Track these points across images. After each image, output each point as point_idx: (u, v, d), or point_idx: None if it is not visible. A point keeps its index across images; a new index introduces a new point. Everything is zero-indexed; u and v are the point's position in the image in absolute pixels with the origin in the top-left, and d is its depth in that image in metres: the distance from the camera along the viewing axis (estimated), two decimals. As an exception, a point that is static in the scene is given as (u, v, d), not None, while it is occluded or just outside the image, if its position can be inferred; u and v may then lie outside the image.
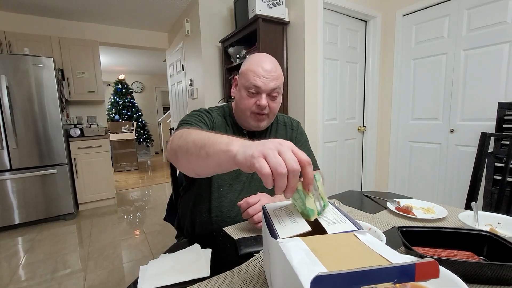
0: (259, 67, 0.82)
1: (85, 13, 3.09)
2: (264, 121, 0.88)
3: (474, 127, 2.03)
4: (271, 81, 0.82)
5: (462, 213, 0.73)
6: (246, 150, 0.43)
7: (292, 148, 0.42)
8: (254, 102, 0.83)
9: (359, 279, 0.25)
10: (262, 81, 0.81)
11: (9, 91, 2.36)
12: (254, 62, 0.84)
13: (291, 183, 0.40)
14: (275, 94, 0.84)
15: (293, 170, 0.39)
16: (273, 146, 0.41)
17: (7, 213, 2.45)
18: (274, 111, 0.87)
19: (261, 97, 0.83)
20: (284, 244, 0.35)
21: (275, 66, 0.84)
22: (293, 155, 0.41)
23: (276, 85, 0.83)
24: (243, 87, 0.85)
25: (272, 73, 0.82)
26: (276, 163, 0.39)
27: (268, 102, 0.84)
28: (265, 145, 0.42)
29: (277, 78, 0.83)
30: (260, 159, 0.40)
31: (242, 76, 0.86)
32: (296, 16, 2.12)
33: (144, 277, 0.53)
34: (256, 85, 0.81)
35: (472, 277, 0.47)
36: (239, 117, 0.91)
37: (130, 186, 4.09)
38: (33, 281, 1.67)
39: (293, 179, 0.40)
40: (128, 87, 6.32)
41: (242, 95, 0.85)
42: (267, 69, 0.82)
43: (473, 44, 2.01)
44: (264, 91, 0.82)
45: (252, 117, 0.86)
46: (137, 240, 2.23)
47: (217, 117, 0.93)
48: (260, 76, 0.81)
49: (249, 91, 0.83)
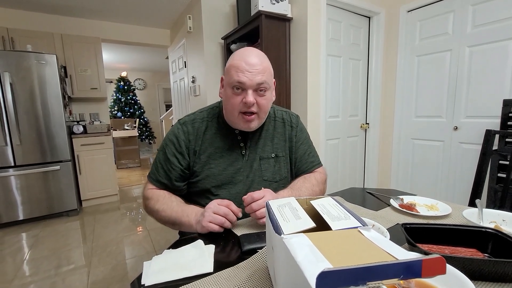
0: (242, 61, 0.76)
1: (87, 10, 3.09)
2: (254, 121, 0.81)
3: (478, 124, 2.01)
4: (256, 76, 0.75)
5: (466, 210, 0.72)
6: (198, 224, 0.72)
7: (218, 202, 0.73)
8: (240, 100, 0.78)
9: (365, 275, 0.25)
10: (246, 76, 0.75)
11: (13, 88, 2.37)
12: (237, 57, 0.78)
13: (236, 215, 0.73)
14: (262, 89, 0.78)
15: (226, 214, 0.71)
16: (207, 214, 0.71)
17: (12, 209, 2.48)
18: (264, 108, 0.81)
19: (247, 94, 0.76)
20: (288, 240, 0.35)
21: (260, 59, 0.78)
22: (221, 207, 0.71)
23: (263, 80, 0.76)
24: (228, 86, 0.80)
25: (256, 66, 0.76)
26: (217, 218, 0.70)
27: (256, 99, 0.78)
28: (205, 216, 0.70)
29: (263, 72, 0.77)
30: (209, 224, 0.69)
31: (226, 74, 0.81)
32: (299, 12, 2.10)
33: (148, 273, 0.53)
34: (240, 81, 0.75)
35: (477, 274, 0.46)
36: (228, 119, 0.86)
37: (132, 183, 4.11)
38: (37, 277, 1.69)
39: (233, 216, 0.72)
40: (130, 84, 6.32)
41: (228, 93, 0.80)
42: (251, 63, 0.75)
43: (477, 41, 1.99)
44: (249, 87, 0.76)
45: (240, 118, 0.81)
46: (140, 237, 2.25)
47: (200, 125, 0.88)
48: (243, 71, 0.75)
49: (234, 89, 0.78)
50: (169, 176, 0.86)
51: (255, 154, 0.90)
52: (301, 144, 0.97)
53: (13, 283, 1.63)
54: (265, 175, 0.90)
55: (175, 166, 0.86)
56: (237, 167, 0.88)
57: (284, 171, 0.94)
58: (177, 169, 0.86)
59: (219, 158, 0.87)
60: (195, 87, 2.95)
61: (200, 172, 0.86)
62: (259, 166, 0.90)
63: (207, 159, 0.86)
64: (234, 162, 0.88)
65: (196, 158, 0.86)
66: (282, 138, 0.95)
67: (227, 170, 0.86)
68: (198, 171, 0.86)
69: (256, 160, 0.90)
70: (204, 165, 0.86)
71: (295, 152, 0.96)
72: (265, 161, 0.91)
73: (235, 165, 0.87)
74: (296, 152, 0.96)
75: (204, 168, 0.86)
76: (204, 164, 0.86)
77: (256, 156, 0.90)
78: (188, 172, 0.88)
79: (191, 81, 3.07)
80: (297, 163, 0.96)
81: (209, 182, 0.86)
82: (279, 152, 0.93)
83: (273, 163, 0.92)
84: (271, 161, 0.91)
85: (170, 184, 0.87)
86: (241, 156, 0.89)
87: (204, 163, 0.86)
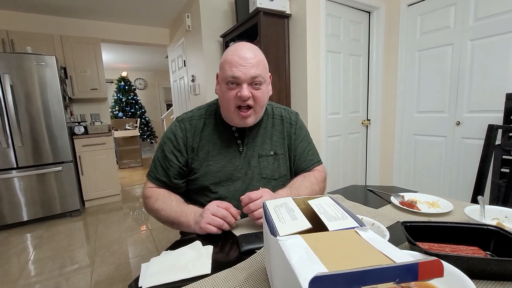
0: (235, 56, 0.76)
1: (86, 10, 3.08)
2: (250, 117, 0.81)
3: (481, 119, 1.99)
4: (250, 69, 0.75)
5: (468, 207, 0.71)
6: (197, 225, 0.71)
7: (217, 204, 0.72)
8: (235, 95, 0.77)
9: (360, 279, 0.24)
10: (240, 70, 0.75)
11: (13, 89, 2.37)
12: (230, 52, 0.78)
13: (234, 217, 0.72)
14: (257, 82, 0.78)
15: (225, 217, 0.70)
16: (206, 215, 0.70)
17: (16, 210, 2.50)
18: (260, 102, 0.80)
19: (241, 88, 0.76)
20: (283, 242, 0.35)
21: (253, 53, 0.77)
22: (220, 210, 0.70)
23: (257, 73, 0.76)
24: (222, 81, 0.80)
25: (250, 60, 0.76)
26: (216, 220, 0.69)
27: (251, 92, 0.77)
28: (203, 217, 0.70)
29: (257, 65, 0.77)
30: (208, 226, 0.69)
31: (220, 70, 0.81)
32: (297, 9, 2.08)
33: (145, 275, 0.53)
34: (234, 75, 0.75)
35: (479, 273, 0.45)
36: (224, 115, 0.86)
37: (134, 182, 4.12)
38: (42, 277, 1.71)
39: (231, 218, 0.71)
40: (130, 84, 6.32)
41: (223, 89, 0.80)
42: (244, 57, 0.75)
43: (480, 34, 1.96)
44: (244, 81, 0.76)
45: (236, 114, 0.80)
46: (143, 236, 2.26)
47: (197, 123, 0.88)
48: (237, 66, 0.75)
49: (228, 84, 0.78)
50: (168, 174, 0.86)
51: (253, 152, 0.90)
52: (300, 142, 0.96)
53: (18, 283, 1.64)
54: (263, 173, 0.90)
55: (174, 164, 0.86)
56: (235, 164, 0.87)
57: (283, 168, 0.93)
58: (176, 166, 0.86)
59: (217, 155, 0.87)
60: (194, 86, 2.94)
61: (198, 169, 0.86)
62: (257, 164, 0.89)
63: (205, 156, 0.86)
64: (232, 159, 0.88)
65: (194, 155, 0.87)
66: (281, 135, 0.94)
67: (225, 167, 0.86)
68: (197, 168, 0.86)
69: (254, 157, 0.89)
70: (202, 162, 0.86)
71: (294, 150, 0.95)
72: (264, 159, 0.90)
73: (233, 162, 0.87)
74: (295, 150, 0.95)
75: (202, 165, 0.86)
76: (202, 161, 0.86)
77: (254, 153, 0.90)
78: (187, 169, 0.88)
79: (190, 80, 3.07)
80: (296, 160, 0.95)
81: (208, 179, 0.86)
82: (277, 149, 0.93)
83: (272, 161, 0.91)
84: (270, 158, 0.91)
85: (169, 182, 0.87)
86: (239, 153, 0.89)
87: (202, 160, 0.86)
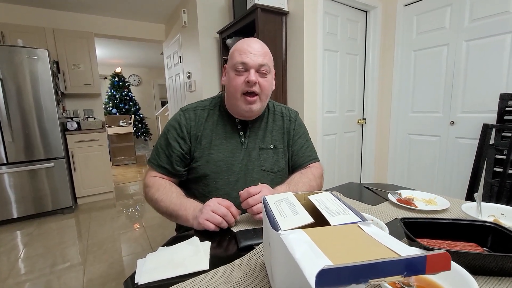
0: (244, 44, 0.82)
1: (80, 3, 3.02)
2: (256, 103, 0.84)
3: (475, 119, 2.02)
4: (258, 57, 0.80)
5: (465, 204, 0.72)
6: (195, 220, 0.70)
7: (218, 201, 0.71)
8: (243, 80, 0.81)
9: (367, 272, 0.24)
10: (249, 57, 0.80)
11: (3, 83, 2.31)
12: (240, 42, 0.84)
13: (234, 217, 0.71)
14: (264, 71, 0.82)
15: (225, 215, 0.68)
16: (205, 211, 0.69)
17: (5, 207, 2.44)
18: (265, 90, 0.84)
19: (249, 73, 0.80)
20: (286, 236, 0.34)
21: (262, 45, 0.83)
22: (221, 207, 0.69)
23: (264, 62, 0.81)
24: (231, 69, 0.84)
25: (259, 49, 0.81)
26: (215, 217, 0.68)
27: (258, 80, 0.81)
28: (203, 212, 0.69)
29: (265, 55, 0.82)
30: (206, 222, 0.67)
31: (229, 58, 0.85)
32: (295, 6, 2.07)
33: (142, 271, 0.51)
34: (243, 61, 0.80)
35: (477, 269, 0.46)
36: (230, 105, 0.88)
37: (128, 179, 4.07)
38: (32, 275, 1.67)
39: (231, 217, 0.70)
40: (125, 80, 6.23)
41: (231, 76, 0.83)
42: (253, 46, 0.81)
43: (475, 35, 1.98)
44: (252, 67, 0.80)
45: (242, 100, 0.83)
46: (136, 234, 2.23)
47: (201, 113, 0.91)
48: (246, 53, 0.80)
49: (237, 70, 0.81)
50: (170, 161, 0.87)
51: (254, 144, 0.92)
52: (299, 138, 0.98)
53: (7, 282, 1.61)
54: (263, 165, 0.91)
55: (176, 151, 0.87)
56: (237, 155, 0.89)
57: (282, 162, 0.95)
58: (178, 153, 0.87)
59: (219, 145, 0.88)
60: (190, 82, 2.91)
61: (200, 157, 0.87)
62: (258, 156, 0.91)
63: (208, 145, 0.88)
64: (234, 149, 0.89)
65: (197, 144, 0.88)
66: (281, 131, 0.97)
67: (227, 157, 0.88)
68: (198, 156, 0.87)
69: (255, 149, 0.91)
70: (204, 150, 0.88)
71: (292, 146, 0.97)
72: (264, 152, 0.92)
73: (234, 152, 0.89)
74: (293, 146, 0.97)
75: (204, 153, 0.87)
76: (204, 150, 0.88)
77: (255, 145, 0.92)
78: (189, 157, 0.89)
79: (186, 77, 3.03)
80: (294, 156, 0.97)
81: (209, 168, 0.87)
82: (277, 144, 0.95)
83: (271, 154, 0.93)
84: (270, 152, 0.93)
85: (171, 169, 0.87)
86: (240, 145, 0.90)
87: (204, 148, 0.88)
